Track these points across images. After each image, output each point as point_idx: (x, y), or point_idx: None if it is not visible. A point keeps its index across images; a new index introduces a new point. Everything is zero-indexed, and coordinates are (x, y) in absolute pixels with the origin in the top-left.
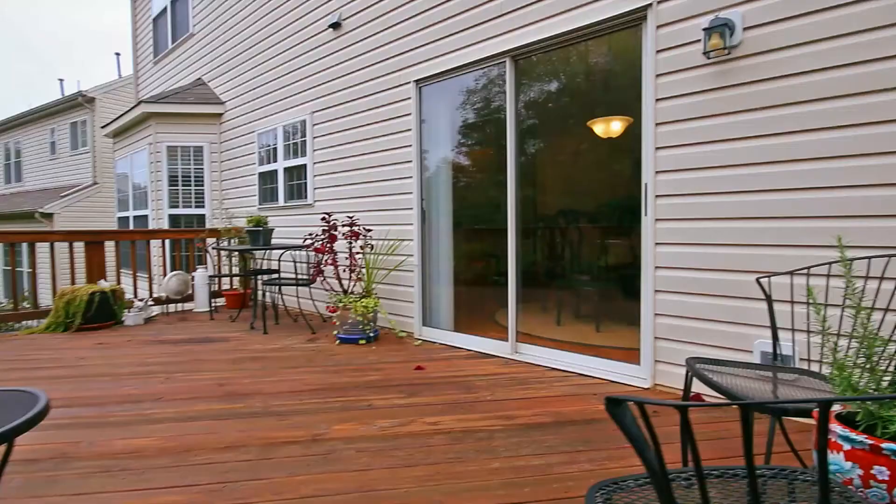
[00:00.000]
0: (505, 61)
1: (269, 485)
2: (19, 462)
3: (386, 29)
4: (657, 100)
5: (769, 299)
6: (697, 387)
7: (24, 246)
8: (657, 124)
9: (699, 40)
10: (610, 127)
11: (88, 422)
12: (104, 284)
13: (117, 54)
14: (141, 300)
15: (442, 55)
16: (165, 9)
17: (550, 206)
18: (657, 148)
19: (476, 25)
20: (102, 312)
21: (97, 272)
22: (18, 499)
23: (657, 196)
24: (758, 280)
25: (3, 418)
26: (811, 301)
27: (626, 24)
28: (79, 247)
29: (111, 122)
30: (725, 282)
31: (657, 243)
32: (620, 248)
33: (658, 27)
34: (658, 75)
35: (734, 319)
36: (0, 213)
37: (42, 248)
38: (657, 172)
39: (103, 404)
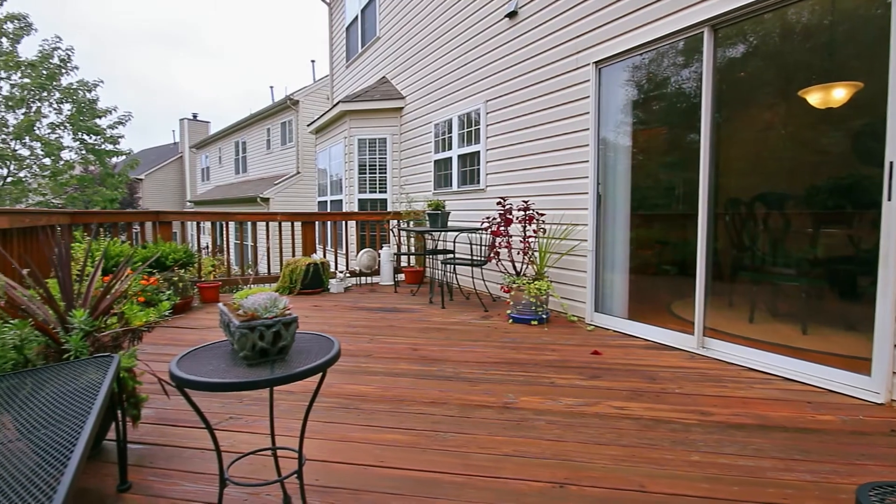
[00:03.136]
0: (702, 31)
1: (474, 439)
2: (302, 394)
3: (564, 11)
4: None
5: None
6: None
7: (244, 224)
8: None
9: None
10: (830, 95)
11: None
12: (315, 257)
13: (312, 61)
14: (341, 272)
15: (627, 32)
16: (357, 17)
17: (746, 189)
18: None
19: None
20: (315, 280)
21: (309, 247)
22: (286, 419)
23: None
24: None
25: (315, 355)
26: None
27: None
28: (288, 225)
29: (314, 120)
30: None
31: None
32: (838, 238)
33: None
34: None
35: None
36: (233, 197)
37: (263, 226)
38: None
39: None
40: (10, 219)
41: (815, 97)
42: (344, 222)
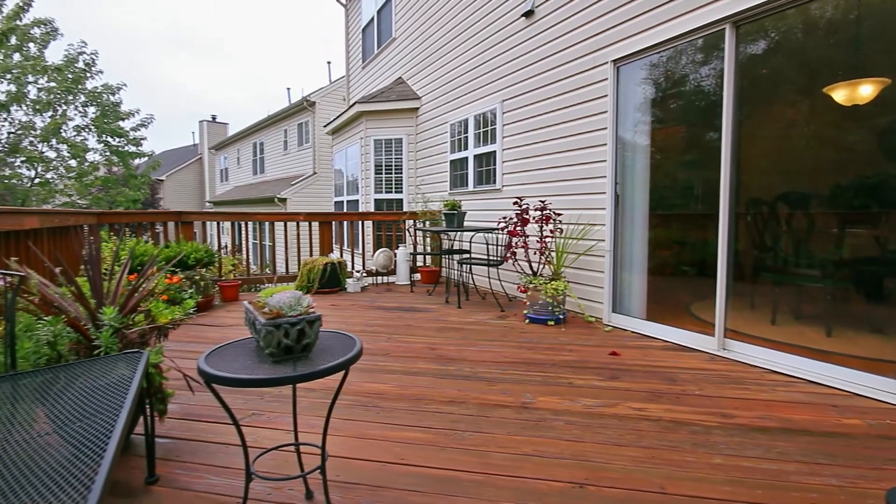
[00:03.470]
0: (724, 28)
1: (492, 438)
2: (322, 391)
3: (582, 10)
4: None
5: None
6: None
7: (262, 224)
8: None
9: None
10: (857, 92)
11: None
12: (333, 257)
13: (328, 63)
14: (358, 271)
15: (646, 30)
16: (372, 19)
17: (769, 188)
18: None
19: None
20: (332, 280)
21: (327, 247)
22: (307, 416)
23: None
24: None
25: (337, 353)
26: None
27: None
28: (305, 225)
29: (331, 121)
30: None
31: None
32: (863, 238)
33: None
34: None
35: None
36: (251, 198)
37: (281, 226)
38: None
39: None
40: (41, 219)
41: (840, 94)
42: (360, 222)
